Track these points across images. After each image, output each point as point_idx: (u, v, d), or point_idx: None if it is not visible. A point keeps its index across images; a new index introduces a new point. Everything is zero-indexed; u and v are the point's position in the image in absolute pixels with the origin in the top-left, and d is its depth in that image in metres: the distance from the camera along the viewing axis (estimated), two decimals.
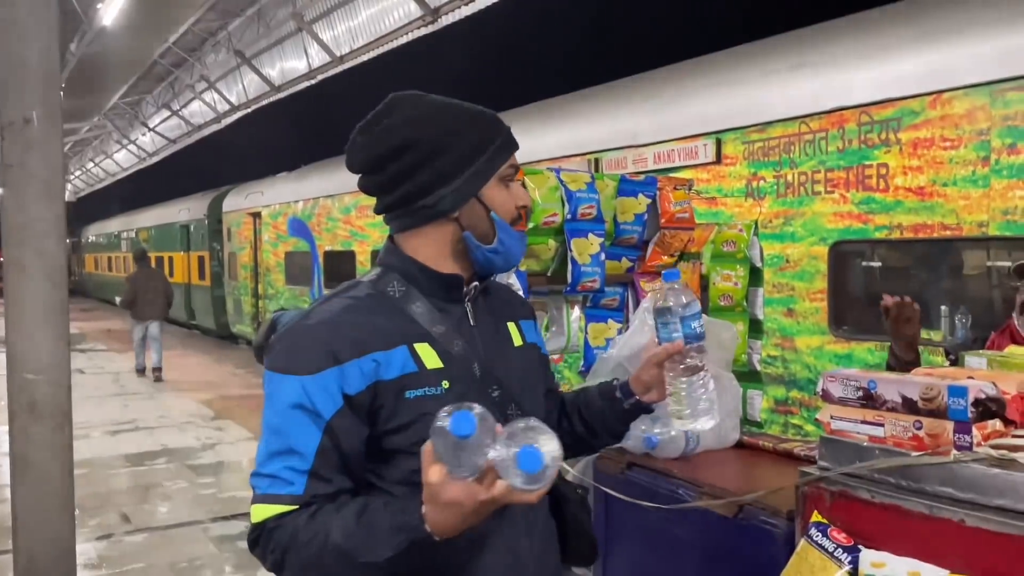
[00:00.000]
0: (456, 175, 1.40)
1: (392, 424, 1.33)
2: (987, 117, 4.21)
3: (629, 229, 2.79)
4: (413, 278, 1.43)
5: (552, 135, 7.64)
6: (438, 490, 1.13)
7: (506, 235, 1.43)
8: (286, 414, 1.31)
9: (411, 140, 1.40)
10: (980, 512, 1.22)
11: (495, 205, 1.42)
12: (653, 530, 1.97)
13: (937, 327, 4.87)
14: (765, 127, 5.43)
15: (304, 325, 1.36)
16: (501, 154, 1.44)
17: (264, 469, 1.31)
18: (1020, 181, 4.09)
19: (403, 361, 1.35)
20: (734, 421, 2.20)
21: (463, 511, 1.14)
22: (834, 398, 1.48)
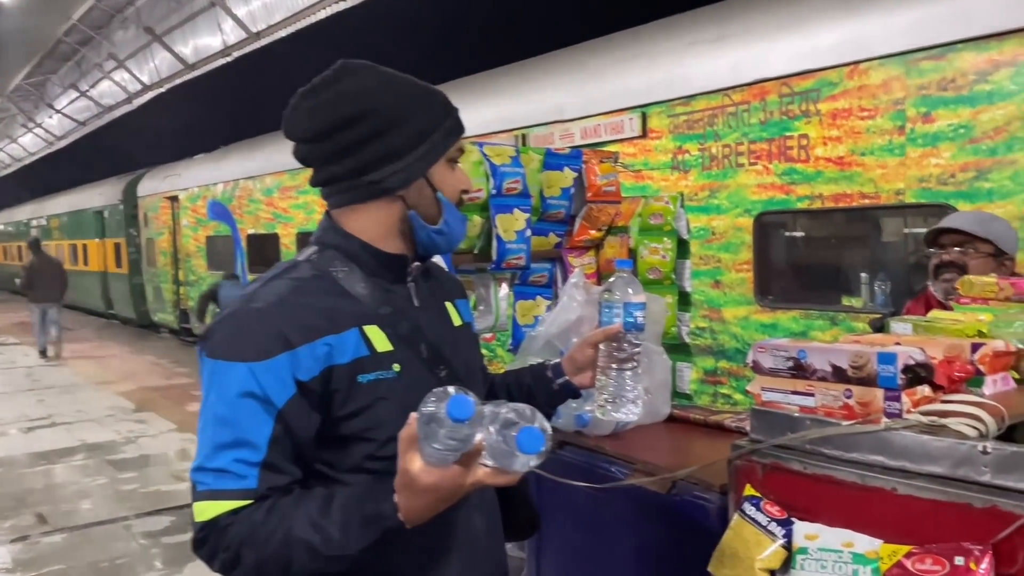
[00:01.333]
0: (408, 152, 1.35)
1: (346, 410, 1.27)
2: (902, 87, 4.30)
3: (556, 204, 2.74)
4: (356, 257, 1.38)
5: (478, 112, 7.53)
6: (417, 477, 1.10)
7: (452, 216, 1.41)
8: (234, 403, 1.22)
9: (366, 110, 1.33)
10: (911, 480, 1.21)
11: (442, 186, 1.39)
12: (587, 509, 1.93)
13: (858, 294, 5.00)
14: (689, 100, 5.45)
15: (250, 308, 1.28)
16: (451, 135, 1.41)
17: (210, 463, 1.22)
18: (934, 149, 4.19)
19: (355, 345, 1.30)
20: (665, 395, 2.18)
21: (438, 497, 1.13)
22: (764, 369, 1.46)
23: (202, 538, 1.21)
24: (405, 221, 1.38)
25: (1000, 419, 1.22)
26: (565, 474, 1.85)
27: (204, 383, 1.27)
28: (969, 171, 4.07)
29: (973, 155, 4.06)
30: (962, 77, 4.05)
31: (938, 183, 4.20)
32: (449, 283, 1.61)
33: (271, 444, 1.22)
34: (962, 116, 4.08)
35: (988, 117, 3.99)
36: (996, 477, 1.13)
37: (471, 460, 1.10)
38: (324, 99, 1.35)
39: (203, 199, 13.60)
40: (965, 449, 1.17)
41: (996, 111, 3.95)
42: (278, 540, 1.17)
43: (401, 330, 1.35)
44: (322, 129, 1.34)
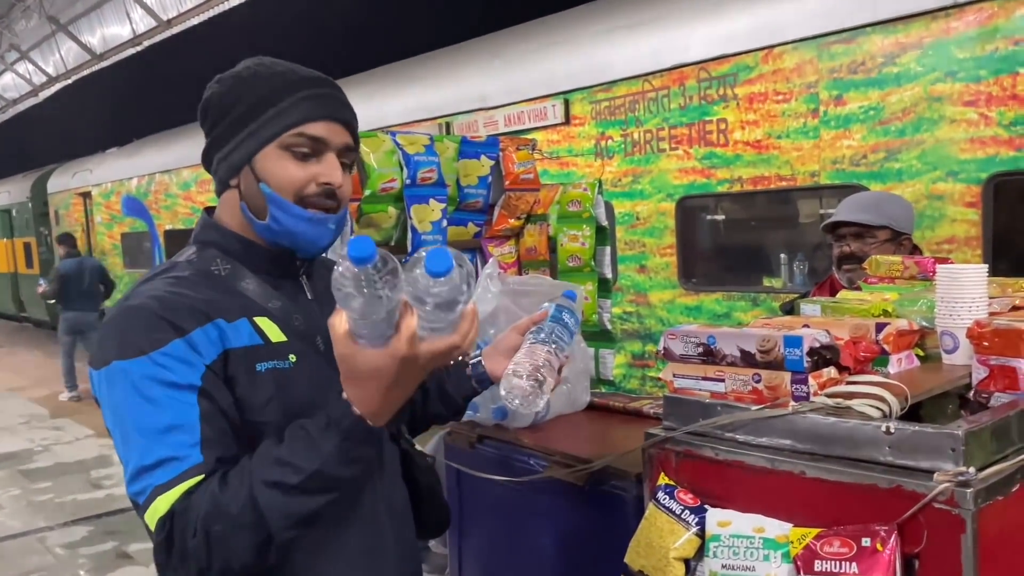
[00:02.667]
0: (230, 138, 1.28)
1: (251, 400, 1.20)
2: (815, 70, 4.38)
3: (473, 193, 2.69)
4: (237, 254, 1.31)
5: (400, 100, 7.43)
6: (353, 361, 1.05)
7: (281, 211, 1.26)
8: (148, 395, 1.12)
9: (206, 100, 1.30)
10: (818, 462, 1.21)
11: (269, 176, 1.26)
12: (507, 503, 1.90)
13: (777, 275, 5.10)
14: (610, 86, 5.45)
15: (129, 307, 1.19)
16: (283, 119, 1.26)
17: (147, 460, 1.11)
18: (846, 131, 4.28)
19: (248, 333, 1.23)
20: (584, 383, 2.16)
21: (385, 380, 1.05)
22: (676, 356, 1.44)
23: (164, 538, 1.09)
24: None
25: (903, 398, 1.23)
26: (484, 468, 1.82)
27: (104, 398, 1.17)
28: (880, 152, 4.17)
29: (883, 136, 4.16)
30: (871, 60, 4.14)
31: (851, 164, 4.29)
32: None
33: (203, 421, 1.14)
34: (872, 98, 4.17)
35: (896, 99, 4.09)
36: (899, 457, 1.14)
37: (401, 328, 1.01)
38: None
39: (117, 195, 13.08)
40: (869, 430, 1.17)
41: (904, 93, 4.05)
42: (244, 497, 1.08)
43: (294, 323, 1.30)
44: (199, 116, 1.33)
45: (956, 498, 1.06)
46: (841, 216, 2.48)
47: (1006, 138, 3.75)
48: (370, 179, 2.37)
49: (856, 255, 2.42)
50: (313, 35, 11.02)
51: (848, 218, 2.44)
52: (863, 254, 2.38)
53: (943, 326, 1.47)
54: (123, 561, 4.78)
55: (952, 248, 3.94)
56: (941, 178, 3.98)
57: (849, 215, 2.45)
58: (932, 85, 3.96)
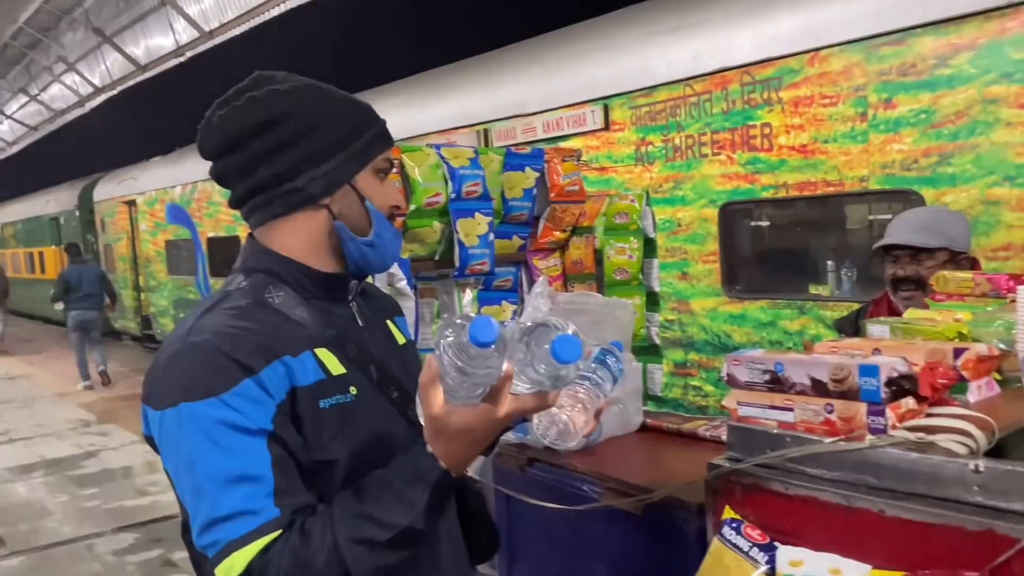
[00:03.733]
0: (329, 156, 1.26)
1: (317, 439, 1.17)
2: (863, 73, 4.27)
3: (518, 205, 2.65)
4: (289, 280, 1.28)
5: (439, 107, 7.43)
6: (446, 420, 1.05)
7: (383, 228, 1.31)
8: (218, 441, 1.09)
9: (280, 114, 1.24)
10: (899, 501, 1.14)
11: (371, 195, 1.30)
12: (559, 530, 1.85)
13: (824, 282, 4.99)
14: (651, 91, 5.39)
15: (192, 344, 1.15)
16: (377, 143, 1.32)
17: (218, 512, 1.07)
18: (896, 135, 4.17)
19: (313, 367, 1.20)
20: (637, 404, 2.10)
21: (474, 439, 1.07)
22: (740, 383, 1.38)
23: None
24: (333, 234, 1.29)
25: (990, 433, 1.16)
26: (535, 493, 1.77)
27: (168, 441, 1.13)
28: (932, 156, 4.05)
29: (935, 140, 4.04)
30: (922, 62, 4.03)
31: (901, 169, 4.18)
32: (385, 302, 1.53)
33: (276, 470, 1.10)
34: (923, 101, 4.06)
35: (949, 101, 3.97)
36: (989, 498, 1.07)
37: (500, 392, 1.03)
38: (236, 107, 1.25)
39: (161, 203, 13.29)
40: (955, 468, 1.10)
41: (957, 95, 3.93)
42: (328, 553, 1.06)
43: (350, 352, 1.26)
44: (235, 138, 1.25)
45: None
46: (894, 238, 2.31)
47: None
48: (415, 194, 2.34)
49: (912, 278, 2.27)
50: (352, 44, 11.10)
51: (903, 241, 2.28)
52: (919, 277, 2.25)
53: None
54: (169, 569, 4.82)
55: (1009, 255, 3.81)
56: (997, 183, 3.86)
57: (903, 237, 2.29)
58: (987, 87, 3.83)
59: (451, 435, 1.06)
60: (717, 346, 5.21)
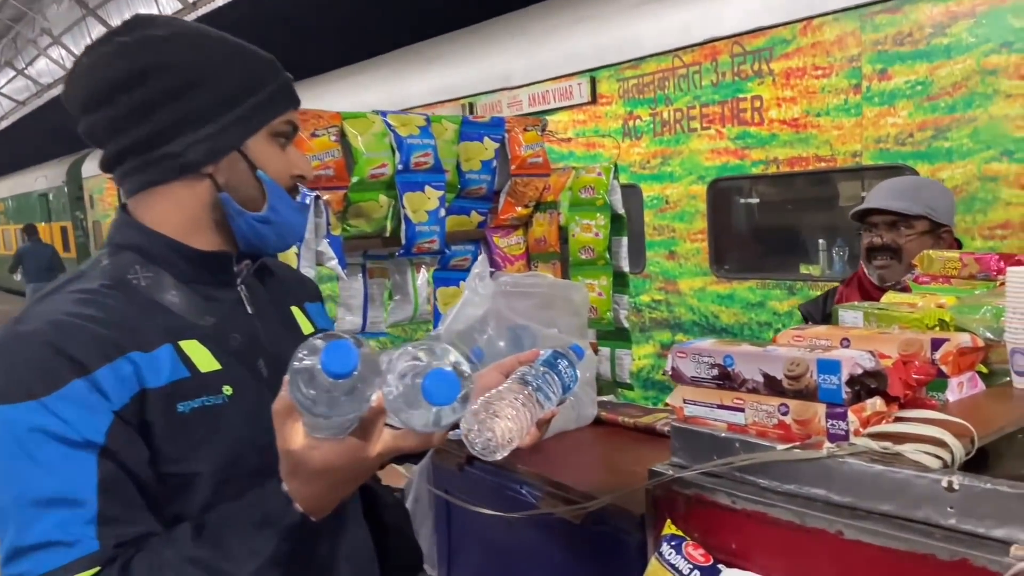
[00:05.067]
0: (212, 117, 1.07)
1: (169, 449, 0.98)
2: (857, 43, 4.08)
3: (476, 179, 2.45)
4: (161, 259, 1.08)
5: (423, 81, 7.24)
6: (303, 457, 0.86)
7: (280, 201, 1.12)
8: (32, 454, 0.90)
9: (154, 64, 1.05)
10: (860, 521, 0.96)
11: (265, 163, 1.10)
12: (498, 534, 1.68)
13: (815, 261, 4.83)
14: (639, 63, 5.20)
15: (18, 334, 0.96)
16: (275, 103, 1.12)
17: (26, 540, 0.89)
18: (891, 108, 3.99)
19: (171, 364, 1.01)
20: (591, 395, 1.92)
21: (337, 479, 0.90)
22: (686, 378, 1.20)
23: None
24: (218, 208, 1.09)
25: (969, 441, 0.98)
26: (473, 494, 1.60)
27: None
28: (927, 130, 3.88)
29: (931, 113, 3.86)
30: (919, 31, 3.84)
31: (896, 143, 4.00)
32: (297, 284, 1.32)
33: (102, 493, 0.92)
34: (919, 72, 3.87)
35: (946, 72, 3.78)
36: (964, 520, 0.89)
37: (372, 425, 0.86)
38: (103, 55, 1.06)
39: None
40: (925, 484, 0.92)
41: (954, 66, 3.74)
42: None
43: (231, 344, 1.08)
44: (101, 91, 1.05)
45: None
46: (873, 203, 2.19)
47: None
48: (358, 164, 2.15)
49: (889, 247, 2.14)
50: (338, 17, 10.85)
51: (881, 205, 2.16)
52: (896, 246, 2.13)
53: (1015, 343, 1.21)
54: None
55: (1007, 234, 3.65)
56: (995, 158, 3.68)
57: (882, 202, 2.17)
58: (986, 57, 3.64)
59: (310, 475, 0.88)
60: (705, 327, 5.07)
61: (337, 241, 2.01)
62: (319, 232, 1.89)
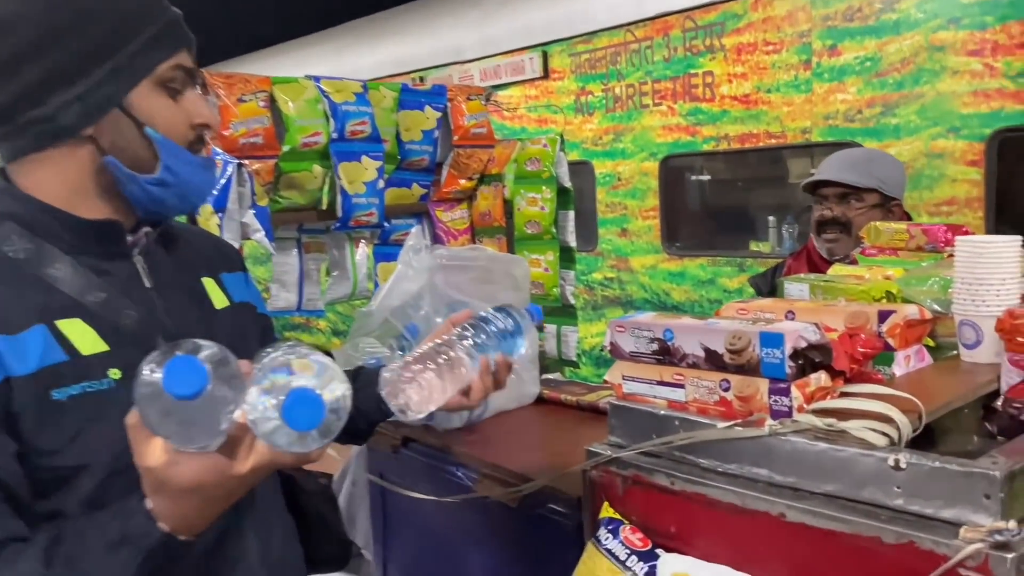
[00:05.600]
0: (84, 72, 0.94)
1: (43, 441, 0.88)
2: (808, 18, 4.05)
3: (417, 149, 2.35)
4: (43, 229, 0.97)
5: (371, 54, 7.06)
6: (167, 473, 0.78)
7: (176, 159, 1.00)
8: None
9: (10, 15, 0.93)
10: (803, 502, 0.91)
11: (153, 117, 0.98)
12: (434, 518, 1.60)
13: (765, 239, 4.84)
14: (591, 37, 5.12)
15: None
16: (159, 48, 0.99)
17: None
18: (840, 84, 3.97)
19: (43, 347, 0.90)
20: (533, 373, 1.85)
21: (209, 494, 0.81)
22: (625, 353, 1.13)
23: None
24: (105, 172, 0.98)
25: (916, 417, 0.93)
26: (408, 476, 1.53)
27: None
28: (876, 106, 3.87)
29: (880, 90, 3.85)
30: (868, 6, 3.82)
31: (845, 120, 4.00)
32: (212, 252, 1.21)
33: None
34: (868, 48, 3.86)
35: (895, 48, 3.77)
36: (912, 501, 0.84)
37: (240, 441, 0.78)
38: None
39: None
40: (871, 463, 0.87)
41: (903, 42, 3.74)
42: None
43: (123, 322, 0.97)
44: None
45: (991, 564, 0.76)
46: (824, 174, 2.17)
47: (1012, 91, 3.45)
48: (289, 132, 2.03)
49: (839, 220, 2.13)
50: None
51: (832, 177, 2.14)
52: (846, 219, 2.11)
53: (963, 314, 1.17)
54: None
55: (952, 210, 3.66)
56: (941, 134, 3.69)
57: (834, 174, 2.14)
58: (934, 33, 3.64)
59: (176, 492, 0.79)
60: (656, 304, 5.05)
61: (264, 213, 1.90)
62: (243, 203, 1.77)
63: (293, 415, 0.70)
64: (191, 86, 1.03)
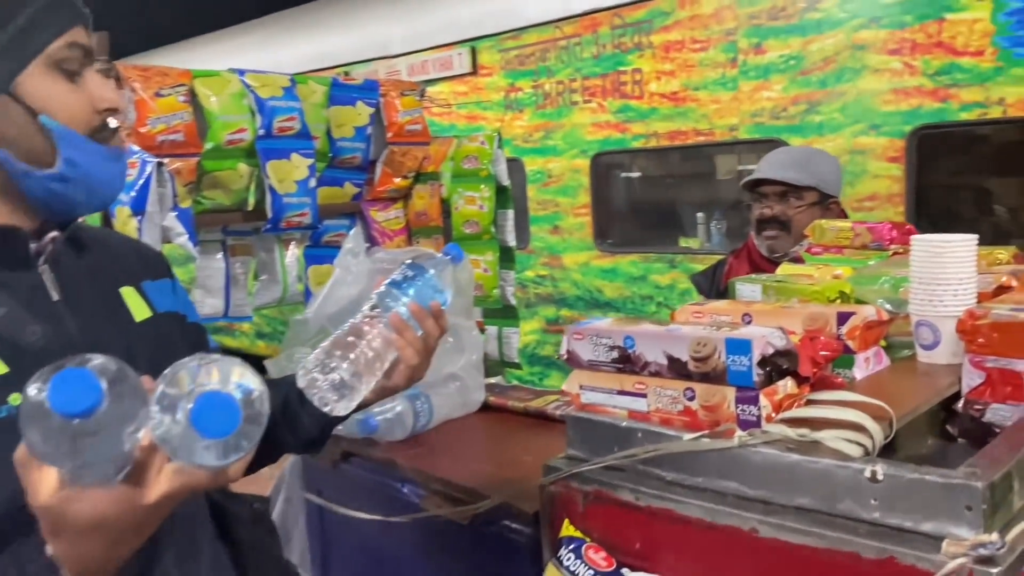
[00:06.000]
0: None
1: None
2: (734, 16, 4.10)
3: (349, 147, 2.25)
4: None
5: (294, 48, 6.87)
6: (64, 512, 0.68)
7: (76, 150, 0.89)
8: None
9: None
10: (776, 517, 0.87)
11: (47, 104, 0.88)
12: (376, 538, 1.52)
13: (694, 235, 4.89)
14: (520, 33, 5.08)
15: None
16: (47, 24, 0.87)
17: None
18: (766, 82, 4.03)
19: None
20: (477, 379, 1.79)
21: (115, 532, 0.71)
22: (582, 362, 1.08)
23: None
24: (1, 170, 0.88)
25: (888, 424, 0.90)
26: (349, 493, 1.44)
27: None
28: (800, 104, 3.95)
29: (804, 87, 3.93)
30: (792, 5, 3.89)
31: (771, 117, 4.06)
32: (130, 258, 1.09)
33: None
34: (793, 47, 3.93)
35: (818, 47, 3.85)
36: (890, 515, 0.81)
37: (146, 468, 0.68)
38: None
39: None
40: (848, 474, 0.84)
41: (826, 40, 3.81)
42: None
43: (24, 339, 0.86)
44: None
45: None
46: (764, 173, 2.17)
47: (930, 89, 3.55)
48: (212, 129, 1.91)
49: (779, 218, 2.12)
50: None
51: (772, 175, 2.14)
52: (786, 217, 2.10)
53: (920, 315, 1.16)
54: None
55: (874, 205, 3.76)
56: (863, 131, 3.78)
57: (773, 172, 2.14)
58: (855, 32, 3.72)
59: (77, 532, 0.69)
60: (589, 301, 5.05)
61: (187, 214, 1.77)
62: (164, 205, 1.65)
63: (205, 422, 0.62)
64: (90, 66, 0.92)
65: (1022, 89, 3.30)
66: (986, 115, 3.42)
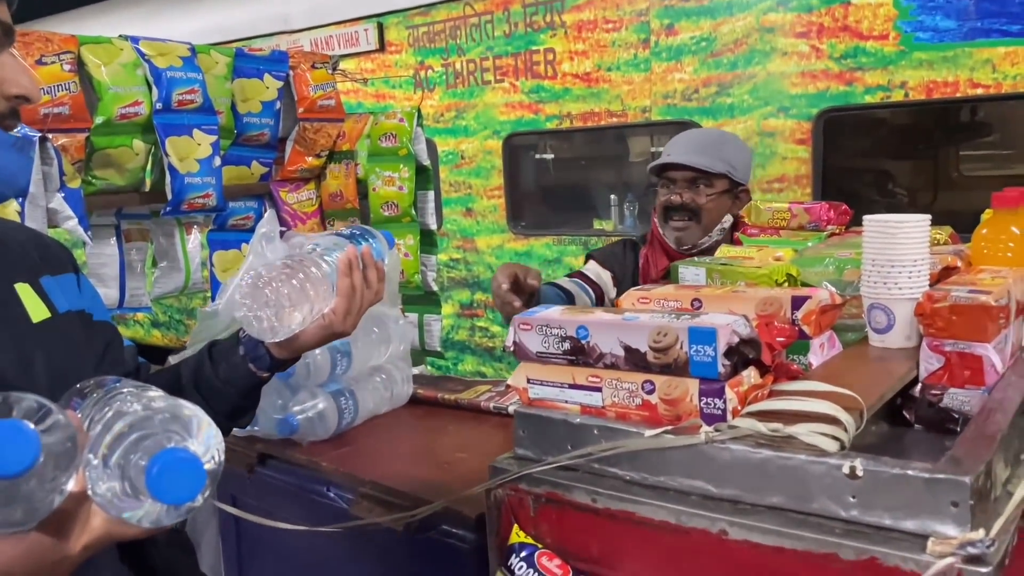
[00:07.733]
0: None
1: None
2: None
3: (256, 123, 2.09)
4: None
5: (186, 21, 6.47)
6: None
7: None
8: None
9: None
10: (747, 518, 0.82)
11: None
12: (298, 547, 1.41)
13: (607, 217, 4.90)
14: (428, 9, 4.94)
15: None
16: None
17: None
18: (678, 64, 4.04)
19: None
20: (405, 372, 1.69)
21: None
22: (531, 354, 1.00)
23: None
24: None
25: (859, 415, 0.86)
26: (267, 501, 1.32)
27: None
28: (711, 86, 3.97)
29: (715, 69, 3.95)
30: None
31: (682, 99, 4.08)
32: (28, 251, 0.97)
33: None
34: (704, 28, 3.94)
35: (728, 29, 3.88)
36: (869, 513, 0.77)
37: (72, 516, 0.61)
38: None
39: None
40: (823, 471, 0.79)
41: (736, 23, 3.85)
42: None
43: None
44: None
45: None
46: (674, 157, 2.02)
47: (836, 72, 3.63)
48: (103, 101, 1.72)
49: (688, 206, 1.98)
50: None
51: (682, 160, 1.99)
52: (696, 206, 1.97)
53: (873, 297, 1.13)
54: None
55: (783, 187, 3.84)
56: (772, 114, 3.84)
57: (683, 157, 2.00)
58: (764, 15, 3.77)
59: None
60: None
61: (76, 196, 1.59)
62: (50, 185, 1.47)
63: (164, 487, 0.53)
64: (8, 47, 0.81)
65: (923, 73, 3.40)
66: (889, 98, 3.52)
